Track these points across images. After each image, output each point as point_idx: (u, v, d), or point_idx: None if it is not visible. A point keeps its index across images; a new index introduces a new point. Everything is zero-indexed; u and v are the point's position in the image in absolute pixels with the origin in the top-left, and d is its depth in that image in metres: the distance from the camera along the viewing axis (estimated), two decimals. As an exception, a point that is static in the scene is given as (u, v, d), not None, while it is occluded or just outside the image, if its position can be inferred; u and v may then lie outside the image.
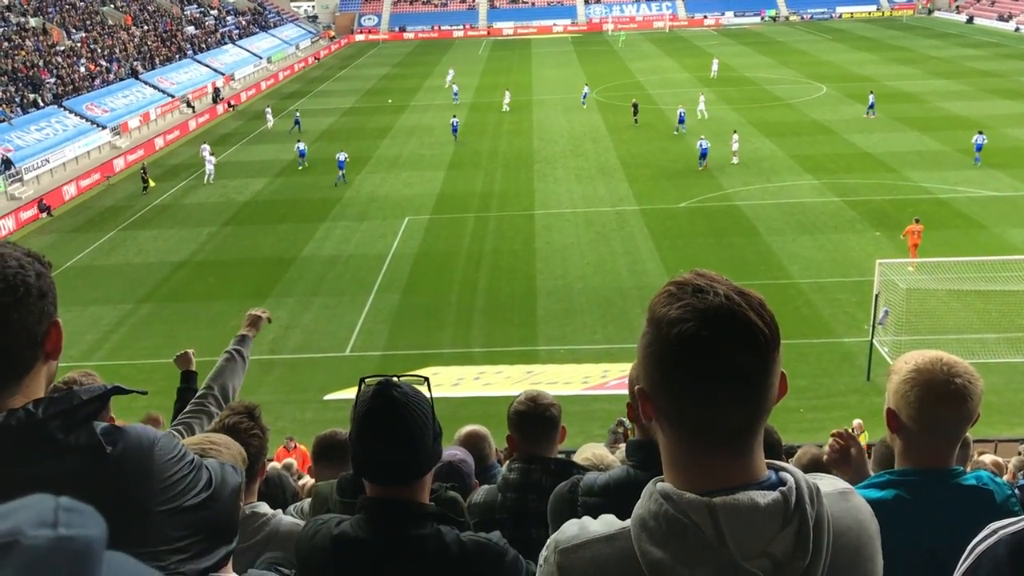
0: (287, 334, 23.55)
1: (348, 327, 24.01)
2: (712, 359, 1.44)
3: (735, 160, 38.03)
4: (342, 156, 39.08)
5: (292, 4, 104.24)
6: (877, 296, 20.42)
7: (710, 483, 1.47)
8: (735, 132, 39.52)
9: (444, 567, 2.39)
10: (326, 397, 19.51)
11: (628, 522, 1.51)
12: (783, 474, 1.51)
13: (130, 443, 1.85)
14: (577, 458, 4.54)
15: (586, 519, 1.59)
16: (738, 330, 1.44)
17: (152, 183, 40.03)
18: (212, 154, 41.81)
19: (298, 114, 51.00)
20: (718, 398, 1.45)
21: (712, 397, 1.45)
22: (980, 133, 37.14)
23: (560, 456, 4.04)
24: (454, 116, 48.52)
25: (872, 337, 20.28)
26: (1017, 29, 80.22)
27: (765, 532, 1.42)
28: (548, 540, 1.60)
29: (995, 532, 1.69)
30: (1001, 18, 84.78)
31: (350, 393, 2.61)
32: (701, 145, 37.88)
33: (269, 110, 53.92)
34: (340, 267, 28.82)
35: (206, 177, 40.38)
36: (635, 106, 48.05)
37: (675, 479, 1.52)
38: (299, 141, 43.72)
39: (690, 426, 1.50)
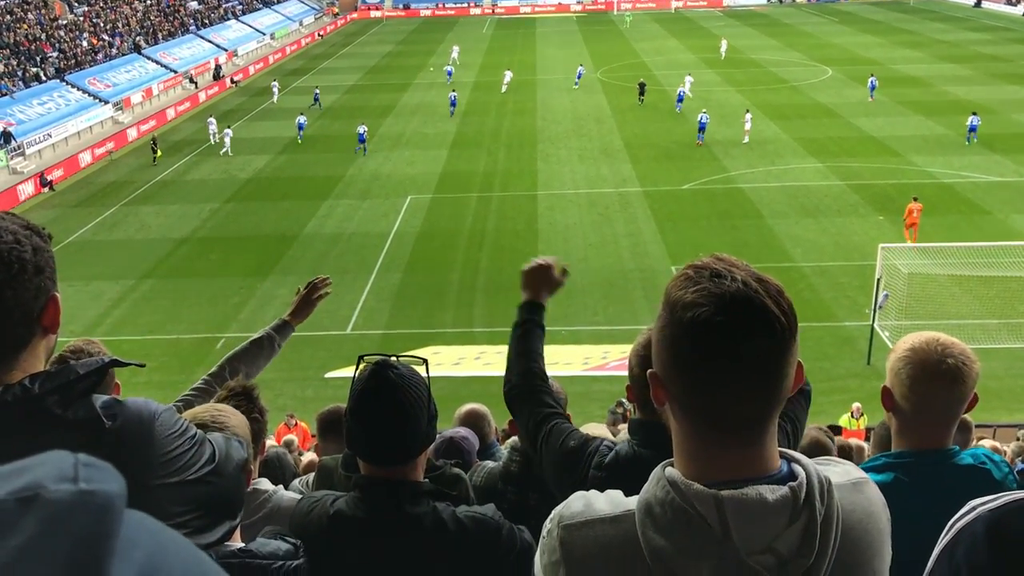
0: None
1: (349, 306, 24.04)
2: (725, 345, 1.40)
3: (746, 139, 38.18)
4: (362, 129, 39.95)
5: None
6: (879, 280, 20.40)
7: (719, 473, 1.45)
8: (747, 112, 39.76)
9: (442, 544, 2.41)
10: (327, 375, 19.58)
11: (634, 503, 1.49)
12: (795, 466, 1.48)
13: (130, 417, 1.83)
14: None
15: (592, 494, 1.58)
16: (754, 317, 1.41)
17: (160, 154, 40.28)
18: (229, 127, 42.32)
19: (317, 90, 50.90)
20: (730, 386, 1.42)
21: (724, 384, 1.42)
22: (974, 114, 37.46)
23: None
24: (453, 91, 48.89)
25: (873, 321, 20.29)
26: (1025, 13, 79.52)
27: (771, 528, 1.40)
28: (552, 512, 1.59)
29: (974, 509, 1.69)
30: (1009, 2, 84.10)
31: (351, 371, 2.62)
32: (701, 120, 38.65)
33: (276, 84, 54.07)
34: (342, 245, 28.81)
35: (223, 150, 40.64)
36: (641, 86, 47.96)
37: (684, 466, 1.50)
38: (301, 114, 43.98)
39: (701, 413, 1.47)
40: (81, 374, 1.80)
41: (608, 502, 1.54)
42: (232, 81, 60.07)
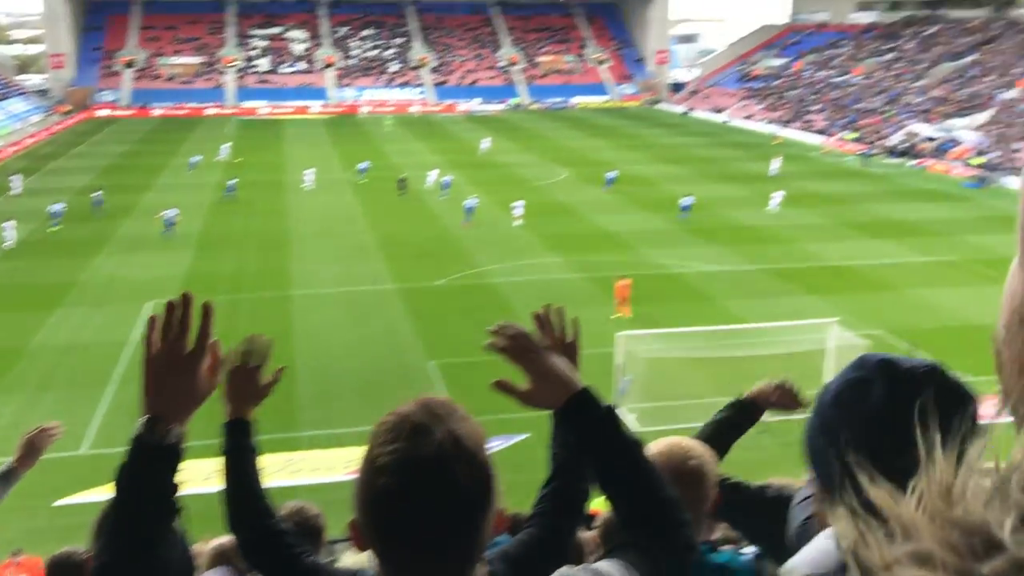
0: (12, 435, 21.22)
1: (83, 423, 22.03)
2: (410, 518, 1.43)
3: (518, 223, 41.97)
4: (172, 212, 40.88)
5: (19, 77, 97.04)
6: (619, 367, 21.70)
7: None
8: (521, 200, 43.39)
9: None
10: (57, 503, 17.73)
11: None
12: None
13: None
14: (347, 560, 4.39)
15: None
16: (441, 488, 1.42)
17: None
18: (9, 220, 39.96)
19: (100, 193, 47.03)
20: (418, 551, 1.46)
21: (412, 549, 1.46)
22: (689, 196, 44.93)
23: None
24: (235, 178, 50.83)
25: (616, 407, 21.44)
26: (726, 122, 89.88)
27: None
28: None
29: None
30: (715, 110, 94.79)
31: (85, 497, 2.42)
32: (467, 205, 42.31)
33: (19, 177, 52.45)
34: (76, 357, 26.55)
35: (6, 244, 38.12)
36: (401, 181, 50.64)
37: None
38: (57, 203, 43.72)
39: (399, 568, 1.51)
40: None
41: None
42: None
